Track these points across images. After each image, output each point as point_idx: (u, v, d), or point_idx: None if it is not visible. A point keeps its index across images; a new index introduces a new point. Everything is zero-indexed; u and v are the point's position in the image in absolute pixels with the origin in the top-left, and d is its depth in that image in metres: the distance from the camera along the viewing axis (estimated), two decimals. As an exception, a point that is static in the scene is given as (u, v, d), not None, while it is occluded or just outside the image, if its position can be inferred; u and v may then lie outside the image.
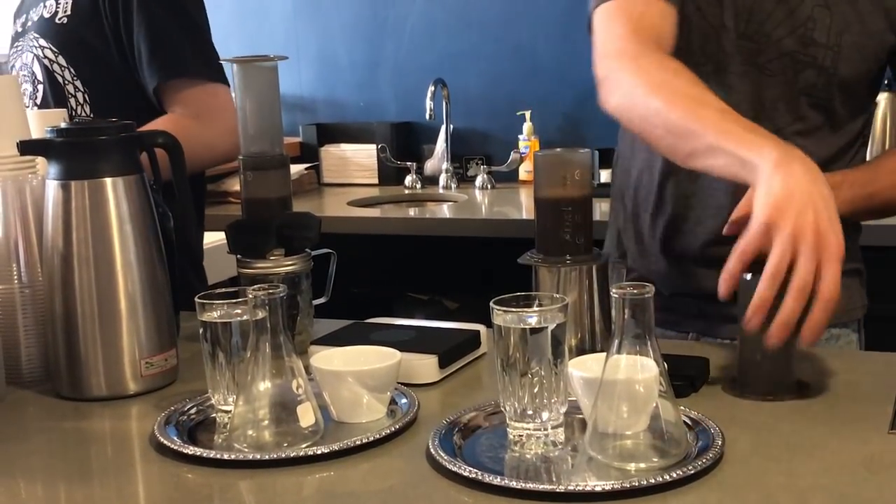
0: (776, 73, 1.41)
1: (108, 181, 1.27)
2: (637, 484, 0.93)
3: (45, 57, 1.76)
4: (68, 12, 1.75)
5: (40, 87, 1.78)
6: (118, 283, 1.26)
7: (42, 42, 1.76)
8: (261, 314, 1.07)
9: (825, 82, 1.40)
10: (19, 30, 1.87)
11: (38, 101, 1.78)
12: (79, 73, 1.75)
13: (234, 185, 3.05)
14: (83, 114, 1.76)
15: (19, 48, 1.85)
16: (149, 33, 1.72)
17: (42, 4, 1.80)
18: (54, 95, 1.76)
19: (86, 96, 1.75)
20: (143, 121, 1.67)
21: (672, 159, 1.26)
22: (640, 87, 1.25)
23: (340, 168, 3.46)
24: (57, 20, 1.76)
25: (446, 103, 3.26)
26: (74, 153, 1.27)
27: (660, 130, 1.23)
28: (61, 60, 1.75)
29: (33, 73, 1.78)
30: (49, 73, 1.76)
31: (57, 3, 1.76)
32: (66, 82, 1.75)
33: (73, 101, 1.75)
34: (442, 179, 3.29)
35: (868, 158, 1.54)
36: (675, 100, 1.21)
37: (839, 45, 1.38)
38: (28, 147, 1.29)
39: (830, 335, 1.51)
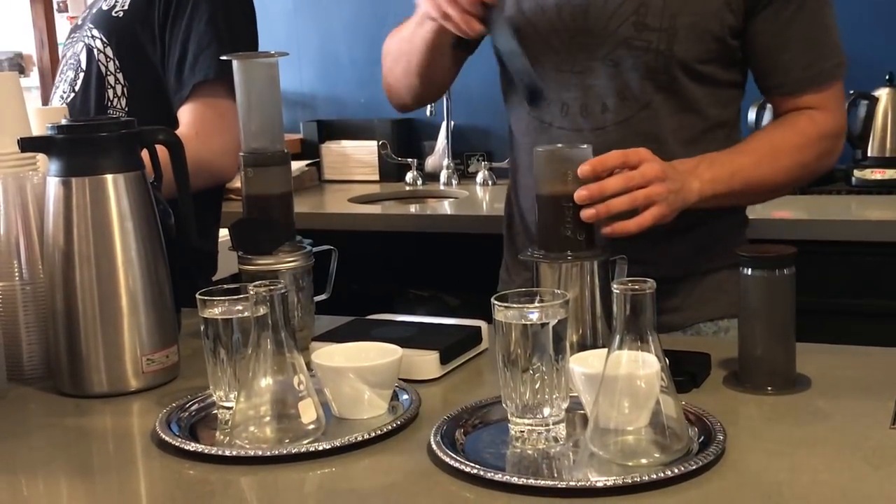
0: (619, 61, 1.44)
1: (109, 178, 1.27)
2: (639, 480, 0.93)
3: (95, 47, 1.78)
4: (125, 7, 1.78)
5: (82, 74, 1.79)
6: (119, 279, 1.26)
7: (95, 32, 1.79)
8: (262, 310, 1.06)
9: (664, 65, 1.43)
10: (79, 22, 1.88)
11: (77, 87, 1.79)
12: (122, 67, 1.77)
13: (236, 182, 3.05)
14: (118, 106, 1.77)
15: (74, 39, 1.86)
16: (199, 35, 1.73)
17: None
18: (96, 84, 1.77)
19: (125, 90, 1.76)
20: (176, 125, 1.69)
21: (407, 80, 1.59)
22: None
23: (341, 165, 3.46)
24: (113, 13, 1.78)
25: (447, 100, 3.25)
26: (75, 150, 1.27)
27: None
28: (108, 52, 1.77)
29: (79, 61, 1.80)
30: (95, 61, 1.77)
31: None
32: (109, 73, 1.76)
33: (111, 91, 1.76)
34: (443, 176, 3.28)
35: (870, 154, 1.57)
36: None
37: (674, 27, 1.41)
38: (29, 144, 1.29)
39: (719, 327, 1.53)
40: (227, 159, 1.72)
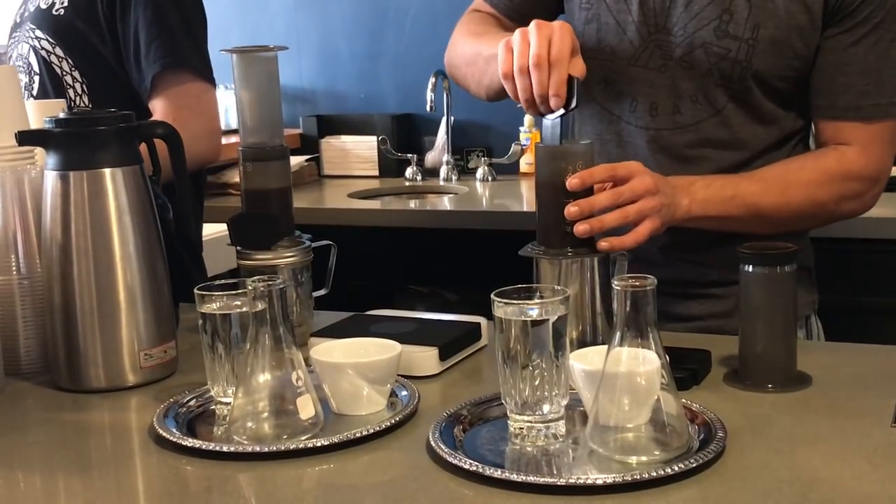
0: (695, 65, 1.42)
1: (107, 172, 1.26)
2: (638, 477, 0.93)
3: (43, 48, 1.76)
4: (65, 3, 1.75)
5: (37, 77, 1.78)
6: (117, 274, 1.26)
7: (39, 33, 1.76)
8: (260, 306, 1.06)
9: (740, 75, 1.40)
10: (17, 20, 1.87)
11: (35, 91, 1.78)
12: (76, 64, 1.75)
13: (234, 176, 3.05)
14: (82, 104, 1.76)
15: (16, 38, 1.85)
16: (147, 24, 1.71)
17: None
18: (53, 86, 1.76)
19: (84, 87, 1.75)
20: (138, 113, 1.66)
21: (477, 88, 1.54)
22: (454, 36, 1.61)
23: (341, 160, 3.45)
24: (54, 12, 1.76)
25: (447, 95, 3.25)
26: (73, 144, 1.26)
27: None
28: (59, 51, 1.75)
29: (29, 64, 1.78)
30: (47, 63, 1.76)
31: None
32: (65, 73, 1.75)
33: (71, 91, 1.75)
34: (442, 171, 3.28)
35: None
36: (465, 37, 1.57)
37: (755, 39, 1.38)
38: (27, 137, 1.29)
39: None
40: (205, 143, 1.72)
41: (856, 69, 1.39)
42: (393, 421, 1.09)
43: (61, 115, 1.29)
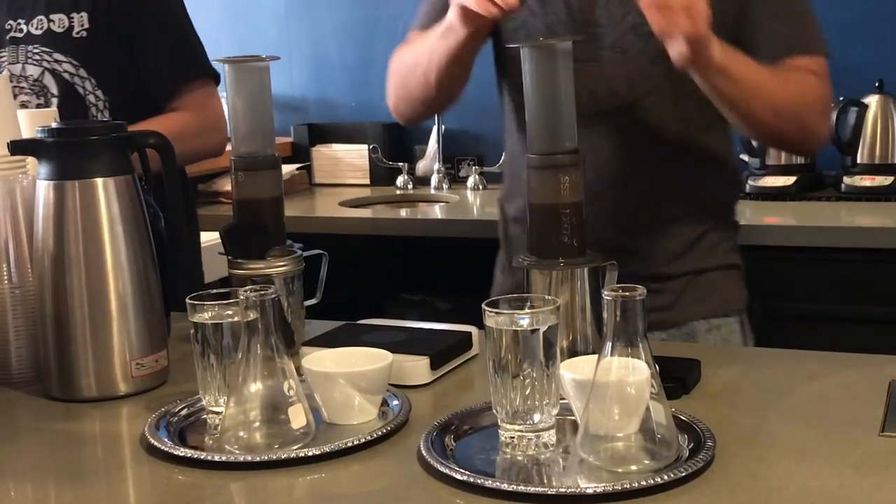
0: (624, 49, 1.46)
1: (100, 181, 1.26)
2: (629, 486, 0.93)
3: (65, 71, 1.82)
4: (85, 25, 1.82)
5: (54, 99, 1.84)
6: (109, 283, 1.26)
7: (58, 56, 1.83)
8: (252, 315, 1.06)
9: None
10: (5, 38, 1.88)
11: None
12: (99, 84, 1.83)
13: (226, 185, 3.05)
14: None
15: (8, 61, 1.86)
16: (168, 38, 1.85)
17: (40, 19, 1.83)
18: (74, 107, 1.81)
19: (105, 104, 1.83)
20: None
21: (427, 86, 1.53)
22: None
23: (332, 168, 3.45)
24: (75, 34, 1.82)
25: (438, 104, 3.25)
26: (65, 153, 1.26)
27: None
28: (82, 72, 1.83)
29: (44, 87, 1.82)
30: (68, 85, 1.83)
31: (70, 19, 1.82)
32: (87, 93, 1.83)
33: (93, 109, 1.83)
34: (434, 180, 3.28)
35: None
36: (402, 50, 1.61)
37: None
38: (18, 147, 1.29)
39: (711, 325, 1.54)
40: (217, 135, 1.93)
41: (769, 19, 1.45)
42: (384, 430, 1.09)
43: (53, 125, 1.29)
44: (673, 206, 1.53)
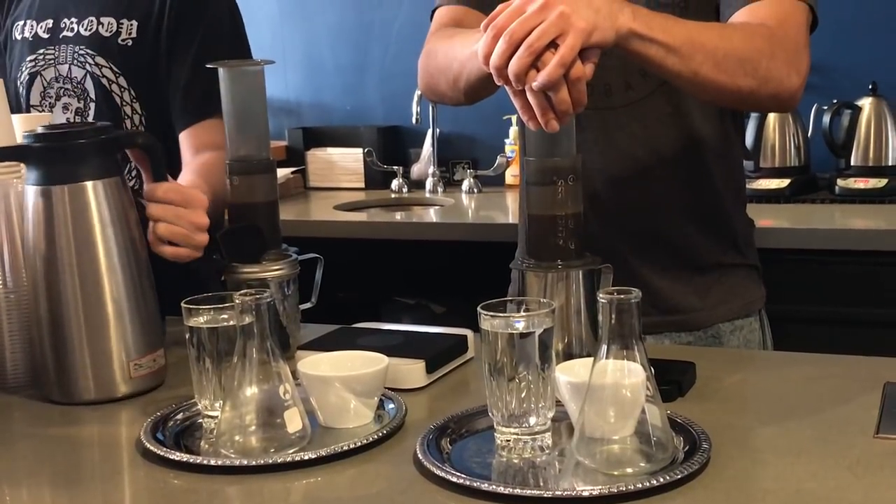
0: None
1: (89, 185, 1.26)
2: (624, 489, 0.93)
3: (104, 76, 1.73)
4: (133, 34, 1.72)
5: (92, 105, 1.75)
6: (104, 286, 1.26)
7: (100, 60, 1.73)
8: (247, 319, 1.06)
9: None
10: (44, 35, 1.82)
11: (91, 118, 1.76)
12: (138, 96, 1.73)
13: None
14: None
15: (54, 59, 1.78)
16: (193, 68, 1.70)
17: (91, 20, 1.76)
18: (110, 116, 1.72)
19: (143, 119, 1.73)
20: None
21: (457, 91, 1.49)
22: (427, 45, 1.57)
23: (327, 172, 3.45)
24: (120, 41, 1.73)
25: (433, 107, 3.25)
26: (53, 158, 1.26)
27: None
28: (122, 81, 1.73)
29: (85, 90, 1.75)
30: (106, 92, 1.73)
31: (119, 24, 1.72)
32: (125, 103, 1.73)
33: (129, 122, 1.72)
34: (428, 183, 3.28)
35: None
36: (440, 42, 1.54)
37: (686, 1, 1.42)
38: (5, 154, 1.28)
39: (734, 327, 1.54)
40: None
41: None
42: (380, 434, 1.09)
43: (39, 130, 1.29)
44: (692, 202, 1.52)
